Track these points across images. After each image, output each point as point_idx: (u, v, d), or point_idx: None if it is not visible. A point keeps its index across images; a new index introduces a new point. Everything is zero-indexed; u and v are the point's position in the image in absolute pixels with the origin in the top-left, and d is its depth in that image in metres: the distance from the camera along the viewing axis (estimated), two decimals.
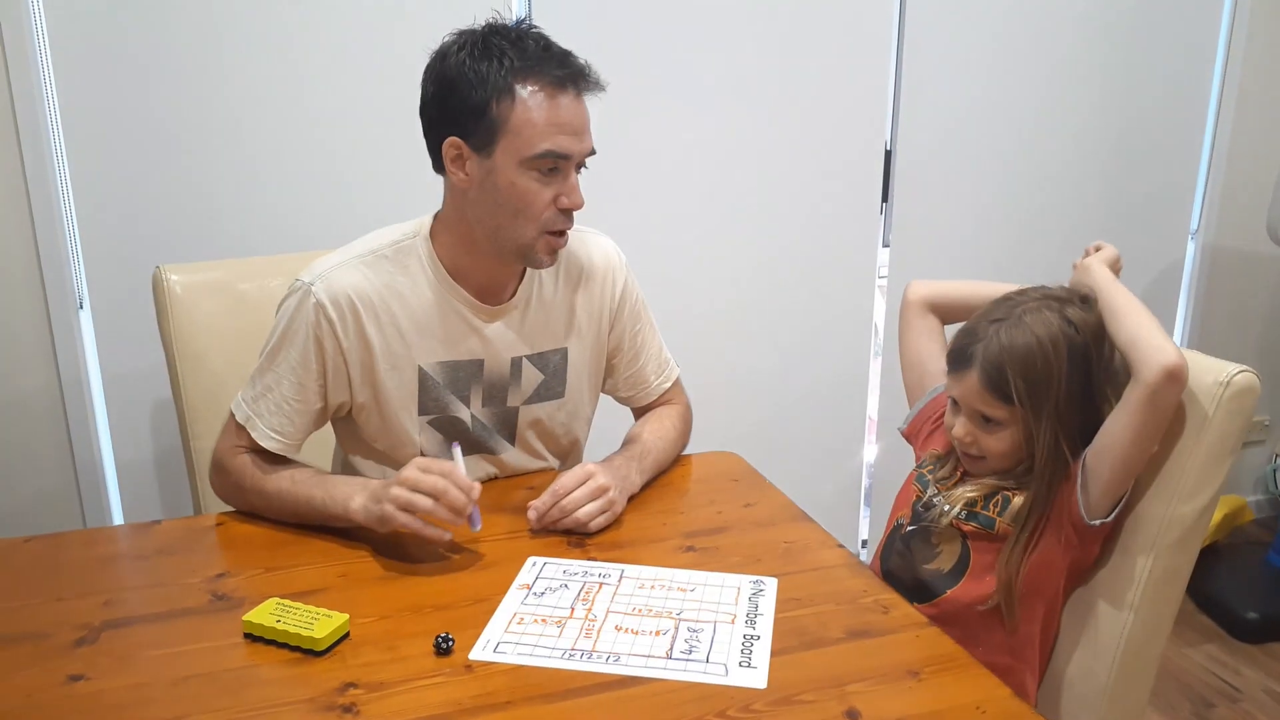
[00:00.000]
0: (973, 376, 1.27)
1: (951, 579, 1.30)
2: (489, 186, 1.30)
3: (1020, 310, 1.26)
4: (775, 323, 2.38)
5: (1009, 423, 1.26)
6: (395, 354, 1.37)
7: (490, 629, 1.10)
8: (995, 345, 1.25)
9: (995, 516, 1.28)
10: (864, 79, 2.31)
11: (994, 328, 1.26)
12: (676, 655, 1.06)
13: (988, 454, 1.29)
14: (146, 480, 1.99)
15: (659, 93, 2.16)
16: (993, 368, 1.25)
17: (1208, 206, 2.72)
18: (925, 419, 1.46)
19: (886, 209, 2.42)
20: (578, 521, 1.30)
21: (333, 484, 1.31)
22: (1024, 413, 1.24)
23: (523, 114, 1.26)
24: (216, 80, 1.87)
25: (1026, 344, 1.23)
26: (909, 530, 1.36)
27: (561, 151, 1.27)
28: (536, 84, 1.26)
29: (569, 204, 1.31)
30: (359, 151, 1.97)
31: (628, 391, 1.57)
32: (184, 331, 1.62)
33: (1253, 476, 3.05)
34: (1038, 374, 1.23)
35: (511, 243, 1.32)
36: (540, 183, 1.29)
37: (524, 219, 1.30)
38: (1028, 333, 1.24)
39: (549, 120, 1.26)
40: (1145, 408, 1.17)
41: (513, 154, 1.27)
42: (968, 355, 1.27)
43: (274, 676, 1.03)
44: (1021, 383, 1.23)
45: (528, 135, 1.26)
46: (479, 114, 1.26)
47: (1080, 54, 2.47)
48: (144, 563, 1.30)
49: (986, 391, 1.26)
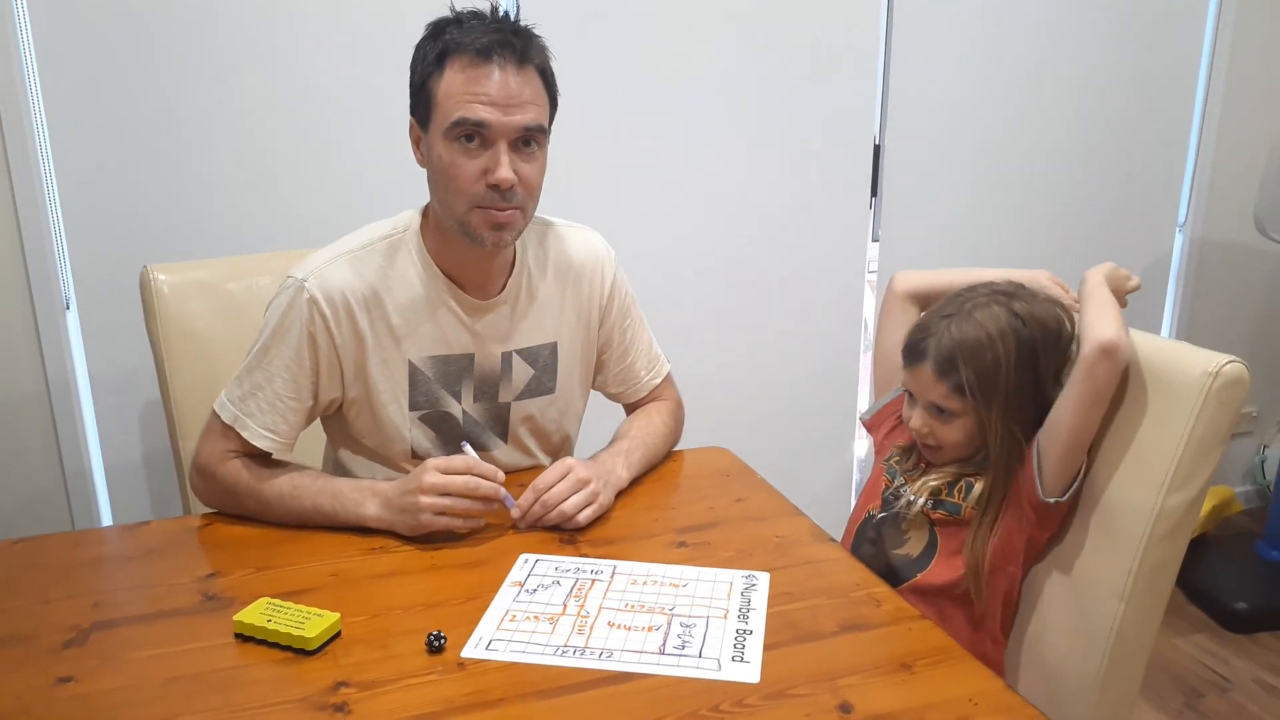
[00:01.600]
0: (926, 369, 1.33)
1: (920, 563, 1.36)
2: (430, 164, 1.31)
3: (970, 306, 1.33)
4: (765, 318, 2.38)
5: (962, 413, 1.33)
6: (386, 349, 1.36)
7: (482, 626, 1.10)
8: (947, 339, 1.32)
9: (960, 502, 1.35)
10: (852, 74, 2.31)
11: (945, 323, 1.33)
12: (669, 651, 1.06)
13: (943, 444, 1.36)
14: (135, 481, 1.98)
15: (647, 88, 2.16)
16: (945, 360, 1.31)
17: (1195, 199, 2.73)
18: (890, 412, 1.51)
19: (875, 204, 2.43)
20: (563, 515, 1.29)
21: (338, 490, 1.31)
22: (975, 403, 1.31)
23: (446, 85, 1.26)
24: (203, 78, 1.86)
25: (976, 338, 1.30)
26: (879, 518, 1.41)
27: (475, 119, 1.24)
28: (461, 54, 1.25)
29: (495, 179, 1.26)
30: (347, 148, 1.97)
31: (618, 387, 1.57)
32: (172, 331, 1.61)
33: (1241, 467, 3.07)
34: (986, 365, 1.30)
35: (452, 219, 1.32)
36: (464, 155, 1.27)
37: (453, 193, 1.29)
38: (977, 327, 1.31)
39: (465, 89, 1.25)
40: (1083, 381, 1.23)
41: (438, 126, 1.27)
42: (921, 349, 1.34)
43: (265, 676, 1.03)
44: (971, 374, 1.30)
45: (447, 105, 1.26)
46: (419, 91, 1.28)
47: (1068, 47, 2.48)
48: (133, 563, 1.29)
49: (939, 383, 1.32)
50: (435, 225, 1.37)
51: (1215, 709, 2.20)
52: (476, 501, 1.26)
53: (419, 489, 1.25)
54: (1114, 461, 1.27)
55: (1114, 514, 1.26)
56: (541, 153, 1.31)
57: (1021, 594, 1.37)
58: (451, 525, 1.26)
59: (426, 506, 1.24)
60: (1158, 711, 2.18)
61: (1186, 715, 2.18)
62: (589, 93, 2.09)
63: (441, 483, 1.25)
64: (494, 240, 1.31)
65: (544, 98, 1.30)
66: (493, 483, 1.26)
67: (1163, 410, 1.22)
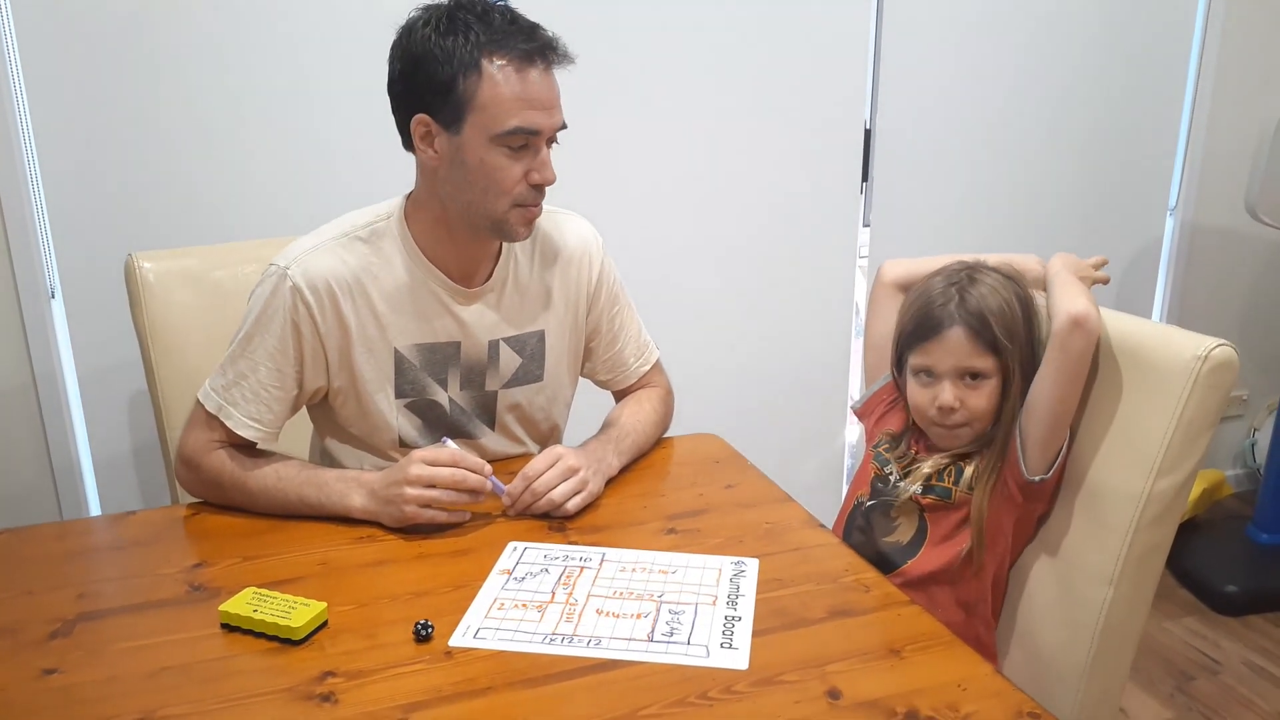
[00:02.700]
0: (955, 333, 1.32)
1: (911, 550, 1.36)
2: (458, 163, 1.28)
3: (968, 276, 1.35)
4: (756, 304, 2.38)
5: (993, 374, 1.32)
6: (371, 336, 1.36)
7: (470, 615, 1.10)
8: (972, 300, 1.32)
9: (951, 486, 1.34)
10: (843, 58, 2.30)
11: (957, 290, 1.34)
12: (658, 638, 1.06)
13: (973, 415, 1.33)
14: (124, 472, 1.97)
15: (637, 74, 2.15)
16: (975, 319, 1.31)
17: (1186, 182, 2.73)
18: (880, 400, 1.49)
19: (867, 189, 2.42)
20: (552, 503, 1.29)
21: (323, 481, 1.30)
22: (1005, 362, 1.31)
23: (490, 90, 1.24)
24: (188, 65, 1.85)
25: (996, 299, 1.32)
26: (869, 505, 1.40)
27: (531, 127, 1.26)
28: (504, 58, 1.24)
29: (540, 179, 1.29)
30: (330, 133, 1.95)
31: (606, 374, 1.56)
32: (158, 320, 1.60)
33: (1231, 451, 3.07)
34: (1010, 322, 1.32)
35: (484, 218, 1.31)
36: (510, 159, 1.27)
37: (494, 195, 1.29)
38: (991, 291, 1.33)
39: (518, 96, 1.24)
40: (1058, 355, 1.25)
41: (481, 130, 1.25)
42: (939, 318, 1.33)
43: (251, 667, 1.02)
44: (1002, 330, 1.31)
45: (496, 111, 1.24)
46: (446, 90, 1.25)
47: (1059, 31, 2.47)
48: (119, 554, 1.28)
49: (973, 344, 1.31)
50: (429, 215, 1.35)
51: (1205, 691, 2.21)
52: (463, 494, 1.26)
53: (405, 480, 1.24)
54: (1103, 446, 1.27)
55: (1103, 498, 1.26)
56: None
57: (1010, 578, 1.37)
58: (436, 518, 1.26)
59: (412, 498, 1.24)
60: (1148, 694, 2.19)
61: (1177, 698, 2.18)
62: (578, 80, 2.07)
63: (428, 474, 1.24)
64: (527, 234, 1.34)
65: None
66: (479, 475, 1.26)
67: (1152, 394, 1.22)
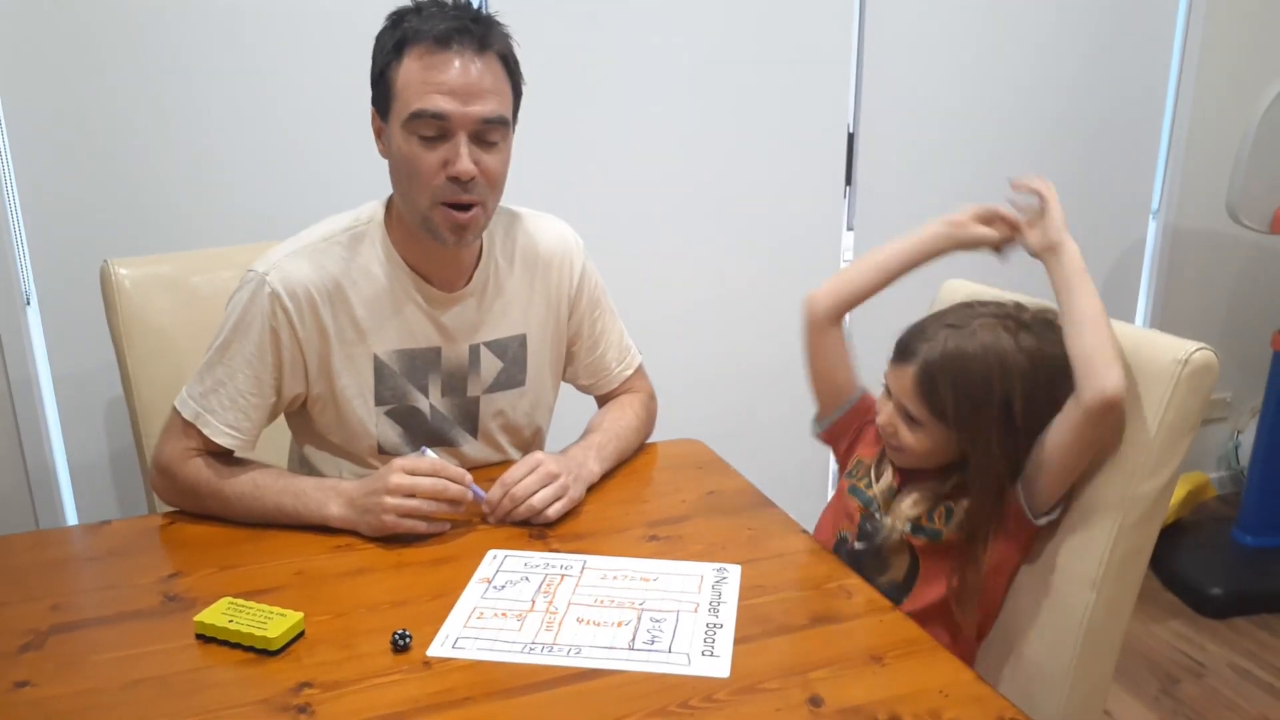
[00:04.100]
0: (909, 373, 1.25)
1: (904, 588, 1.30)
2: (391, 155, 1.29)
3: (977, 323, 1.24)
4: (739, 307, 2.37)
5: (928, 426, 1.25)
6: (350, 343, 1.34)
7: (449, 624, 1.08)
8: (939, 350, 1.23)
9: (941, 528, 1.27)
10: (826, 62, 2.30)
11: (945, 333, 1.24)
12: (639, 646, 1.05)
13: (905, 448, 1.28)
14: (101, 480, 1.95)
15: (620, 77, 2.14)
16: (928, 374, 1.23)
17: (1168, 185, 2.74)
18: (848, 426, 1.44)
19: (850, 192, 2.42)
20: (532, 509, 1.28)
21: (301, 490, 1.28)
22: (945, 427, 1.23)
23: (404, 75, 1.23)
24: (163, 69, 1.83)
25: (970, 360, 1.21)
26: (859, 549, 1.33)
27: (435, 111, 1.22)
28: (419, 43, 1.23)
29: (454, 172, 1.24)
30: (310, 139, 1.94)
31: (589, 379, 1.55)
32: (134, 327, 1.58)
33: (1215, 453, 3.08)
34: (974, 392, 1.21)
35: (414, 216, 1.30)
36: (424, 148, 1.24)
37: (414, 187, 1.27)
38: (977, 350, 1.22)
39: (424, 79, 1.22)
40: (1079, 428, 1.17)
41: (398, 118, 1.25)
42: (911, 351, 1.26)
43: (227, 678, 1.01)
44: (952, 397, 1.22)
45: (405, 96, 1.24)
46: (378, 82, 1.26)
47: (1041, 35, 2.47)
48: (93, 565, 1.27)
49: (916, 392, 1.25)
50: (399, 218, 1.35)
51: (1191, 694, 2.21)
52: (443, 504, 1.24)
53: (384, 489, 1.22)
54: None
55: (1085, 503, 1.26)
56: (504, 144, 1.29)
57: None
58: (416, 528, 1.24)
59: (391, 508, 1.22)
60: (1134, 698, 2.19)
61: (1162, 701, 2.19)
62: (560, 82, 2.07)
63: (408, 484, 1.22)
64: (456, 240, 1.30)
65: (506, 86, 1.28)
66: (460, 485, 1.24)
67: (1133, 398, 1.22)
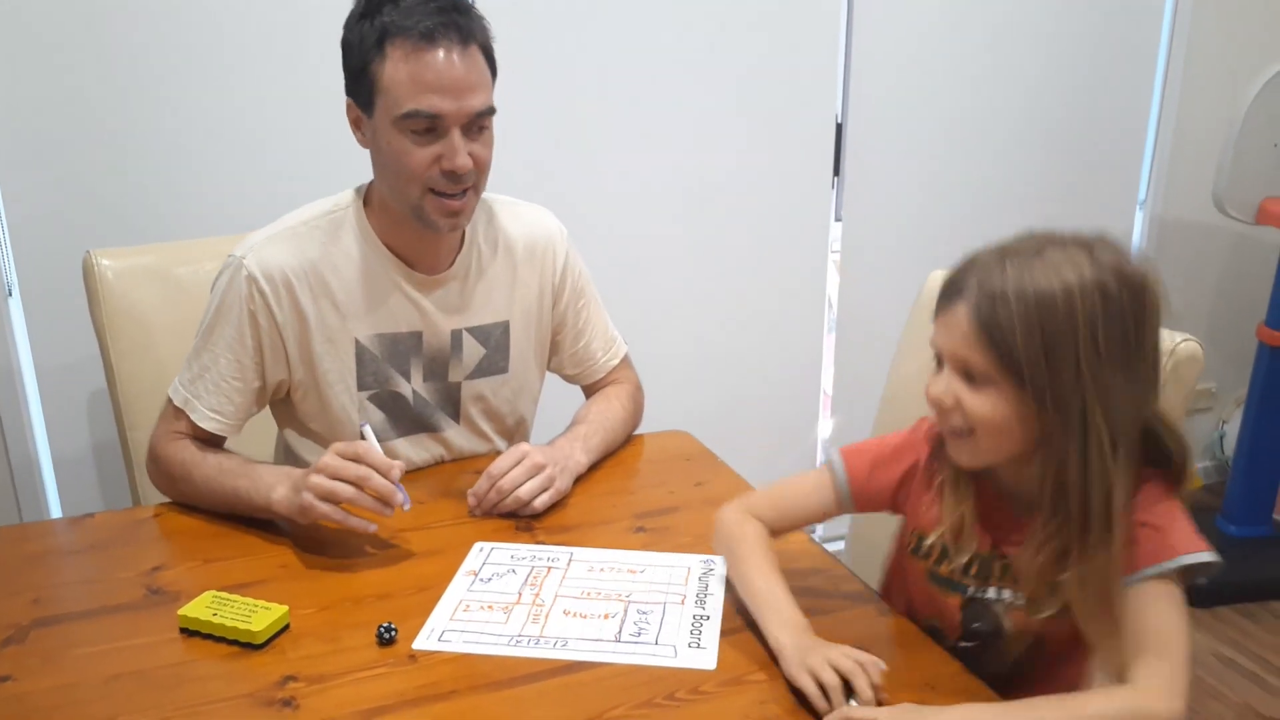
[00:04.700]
0: (961, 312, 0.95)
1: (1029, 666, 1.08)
2: (378, 149, 1.28)
3: (1043, 245, 0.95)
4: (728, 299, 2.37)
5: (998, 381, 0.94)
6: (331, 327, 1.33)
7: (435, 617, 1.08)
8: (1000, 278, 0.93)
9: None
10: (814, 53, 2.29)
11: (1005, 259, 0.95)
12: (625, 638, 1.04)
13: (974, 422, 0.96)
14: (85, 473, 1.93)
15: (607, 70, 2.13)
16: (988, 303, 0.93)
17: (1155, 177, 2.74)
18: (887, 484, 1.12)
19: (838, 183, 2.41)
20: (519, 501, 1.27)
21: (257, 474, 1.26)
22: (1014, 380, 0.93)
23: (391, 72, 1.22)
24: (143, 59, 1.81)
25: (1042, 286, 0.92)
26: (970, 648, 1.08)
27: (429, 111, 1.22)
28: (404, 38, 1.21)
29: (450, 166, 1.24)
30: (291, 128, 1.91)
31: (574, 369, 1.55)
32: (117, 318, 1.57)
33: (1200, 443, 3.10)
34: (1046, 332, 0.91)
35: (403, 205, 1.29)
36: (416, 143, 1.24)
37: (404, 180, 1.26)
38: (1047, 272, 0.92)
39: (414, 78, 1.21)
40: None
41: (385, 114, 1.24)
42: (960, 286, 0.96)
43: (211, 672, 1.00)
44: (1023, 331, 0.91)
45: (395, 95, 1.23)
46: (359, 75, 1.25)
47: (1029, 25, 2.47)
48: (76, 558, 1.26)
49: (974, 333, 0.94)
50: (380, 204, 1.34)
51: None
52: (365, 495, 1.15)
53: (314, 469, 1.17)
54: None
55: None
56: (490, 128, 1.30)
57: None
58: (331, 515, 1.15)
59: (312, 486, 1.15)
60: None
61: None
62: (546, 74, 2.05)
63: (335, 465, 1.16)
64: (450, 226, 1.30)
65: (488, 75, 1.28)
66: (386, 481, 1.15)
67: None
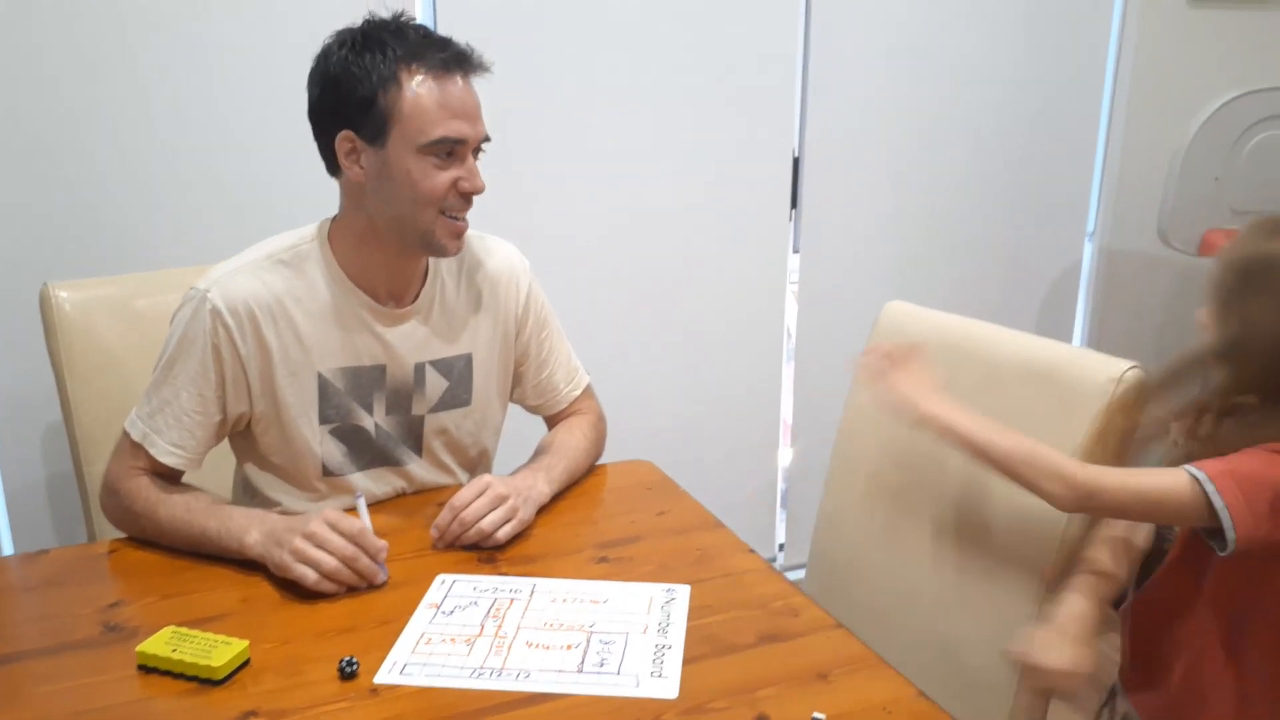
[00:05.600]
0: None
1: None
2: (386, 177, 1.29)
3: None
4: (687, 329, 2.39)
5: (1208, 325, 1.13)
6: (294, 360, 1.34)
7: (397, 650, 1.08)
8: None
9: None
10: (771, 87, 2.33)
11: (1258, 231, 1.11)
12: (588, 669, 1.05)
13: None
14: (38, 509, 1.90)
15: (565, 99, 2.15)
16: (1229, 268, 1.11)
17: (1103, 209, 2.81)
18: None
19: (795, 215, 2.45)
20: (482, 532, 1.28)
21: (228, 515, 1.26)
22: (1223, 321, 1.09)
23: (413, 101, 1.26)
24: (105, 89, 1.81)
25: None
26: None
27: (456, 136, 1.28)
28: (422, 69, 1.26)
29: (469, 188, 1.31)
30: (253, 159, 1.92)
31: (537, 400, 1.56)
32: (75, 351, 1.56)
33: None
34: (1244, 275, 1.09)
35: (413, 231, 1.31)
36: (438, 168, 1.29)
37: (422, 205, 1.29)
38: None
39: (440, 105, 1.27)
40: None
41: (407, 142, 1.27)
42: None
43: (170, 709, 1.00)
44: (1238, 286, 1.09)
45: (420, 122, 1.26)
46: (367, 106, 1.26)
47: (980, 62, 2.53)
48: (31, 594, 1.24)
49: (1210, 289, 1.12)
50: (354, 235, 1.35)
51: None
52: (344, 569, 1.18)
53: (302, 532, 1.19)
54: None
55: (1025, 519, 1.29)
56: None
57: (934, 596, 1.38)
58: (306, 577, 1.17)
59: (296, 549, 1.18)
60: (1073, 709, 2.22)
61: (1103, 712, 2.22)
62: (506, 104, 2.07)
63: (324, 536, 1.19)
64: (456, 248, 1.35)
65: None
66: (373, 565, 1.20)
67: (1066, 416, 1.25)
